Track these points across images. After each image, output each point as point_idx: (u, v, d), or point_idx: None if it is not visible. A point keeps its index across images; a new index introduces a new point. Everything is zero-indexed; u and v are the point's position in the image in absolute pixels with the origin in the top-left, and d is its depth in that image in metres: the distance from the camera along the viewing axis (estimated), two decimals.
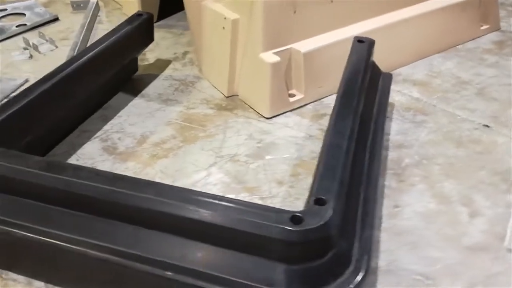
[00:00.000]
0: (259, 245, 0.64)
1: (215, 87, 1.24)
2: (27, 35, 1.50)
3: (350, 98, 0.87)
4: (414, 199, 0.91)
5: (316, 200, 0.66)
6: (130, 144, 1.07)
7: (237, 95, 1.21)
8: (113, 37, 1.09)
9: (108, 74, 1.11)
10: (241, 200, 0.69)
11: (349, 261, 0.67)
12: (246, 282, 0.63)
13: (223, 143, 1.07)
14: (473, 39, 1.42)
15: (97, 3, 1.63)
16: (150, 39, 1.26)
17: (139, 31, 1.18)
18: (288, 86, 1.15)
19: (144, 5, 1.49)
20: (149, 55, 1.38)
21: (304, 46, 1.13)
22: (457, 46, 1.39)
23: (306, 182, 0.96)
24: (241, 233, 0.63)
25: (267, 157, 1.02)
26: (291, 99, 1.15)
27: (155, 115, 1.16)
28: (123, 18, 1.55)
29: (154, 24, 1.52)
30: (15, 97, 0.91)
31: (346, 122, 0.81)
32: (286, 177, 0.97)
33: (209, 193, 0.69)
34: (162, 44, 1.45)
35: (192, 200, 0.66)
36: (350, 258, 0.67)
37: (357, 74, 0.93)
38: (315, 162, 0.97)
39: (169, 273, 0.64)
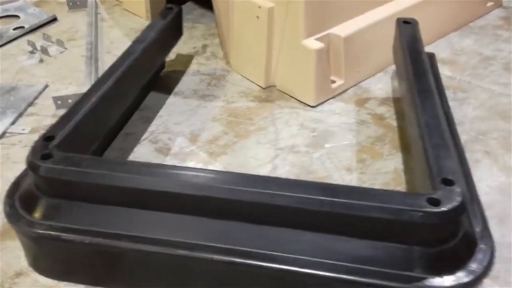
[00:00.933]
0: (397, 231, 0.63)
1: (248, 79, 1.22)
2: (29, 37, 1.41)
3: (425, 78, 0.88)
4: (484, 174, 0.93)
5: (444, 181, 0.66)
6: (182, 144, 1.03)
7: (274, 86, 1.19)
8: (153, 35, 1.05)
9: (150, 74, 1.06)
10: (365, 187, 0.69)
11: (475, 239, 0.68)
12: (386, 270, 0.63)
13: (277, 135, 1.05)
14: (481, 16, 1.46)
15: (95, 0, 1.56)
16: (181, 33, 1.22)
17: (172, 26, 1.14)
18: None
19: (153, 1, 1.44)
20: None
21: (342, 30, 1.13)
22: (469, 24, 1.42)
23: (375, 167, 0.96)
24: (380, 220, 0.63)
25: (327, 145, 1.02)
26: (333, 86, 1.15)
27: (197, 112, 1.12)
28: (125, 15, 1.51)
29: None
30: (76, 103, 0.85)
31: (432, 101, 0.81)
32: (353, 163, 0.97)
33: (336, 184, 0.68)
34: None
35: (328, 192, 0.65)
36: (475, 235, 0.68)
37: (420, 55, 0.94)
38: (376, 147, 0.99)
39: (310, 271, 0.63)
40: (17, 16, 1.52)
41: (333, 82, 1.16)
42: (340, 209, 0.64)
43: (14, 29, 1.45)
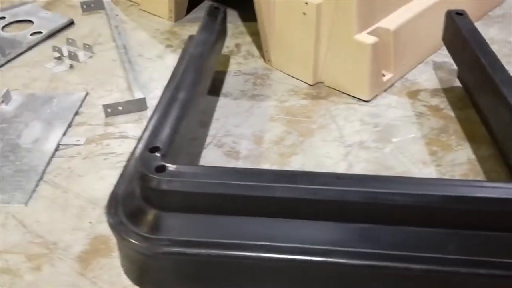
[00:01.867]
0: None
1: (293, 77, 1.21)
2: (51, 43, 1.35)
3: (502, 69, 0.90)
4: None
5: None
6: (249, 146, 1.02)
7: (322, 82, 1.19)
8: (210, 36, 1.02)
9: (212, 77, 1.04)
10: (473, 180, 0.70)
11: None
12: None
13: (341, 132, 1.05)
14: (498, 5, 1.50)
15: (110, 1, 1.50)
16: (226, 33, 1.20)
17: (222, 26, 1.11)
18: None
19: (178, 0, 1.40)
20: None
21: (389, 23, 1.14)
22: (489, 14, 1.46)
23: (448, 159, 0.97)
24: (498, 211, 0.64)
25: (394, 139, 1.03)
26: (384, 79, 1.15)
27: (252, 112, 1.11)
28: (144, 16, 1.47)
29: (185, 20, 1.45)
30: (162, 110, 0.82)
31: None
32: (426, 156, 0.98)
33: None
34: None
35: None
36: None
37: (487, 46, 0.96)
38: (443, 138, 1.01)
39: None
40: (30, 21, 1.45)
41: (383, 75, 1.16)
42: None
43: (31, 34, 1.38)
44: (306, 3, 1.12)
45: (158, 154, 0.72)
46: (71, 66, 1.26)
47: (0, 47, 1.33)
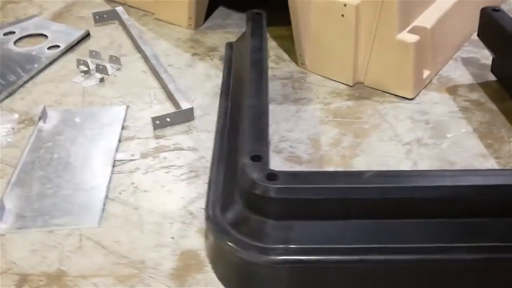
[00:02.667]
0: None
1: (330, 79, 1.21)
2: (72, 56, 1.30)
3: None
4: None
5: None
6: (308, 150, 1.01)
7: (361, 83, 1.20)
8: (263, 42, 1.01)
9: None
10: None
11: None
12: None
13: (395, 130, 1.06)
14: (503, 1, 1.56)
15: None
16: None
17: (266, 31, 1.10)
18: None
19: (198, 6, 1.38)
20: None
21: (424, 21, 1.16)
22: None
23: (505, 151, 1.00)
24: None
25: (448, 135, 1.04)
26: (424, 77, 1.17)
27: (301, 116, 1.10)
28: (161, 25, 1.44)
29: (204, 27, 1.43)
30: (251, 120, 0.80)
31: None
32: (483, 150, 1.01)
33: None
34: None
35: None
36: None
37: None
38: (493, 131, 1.05)
39: None
40: (42, 35, 1.39)
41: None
42: None
43: (48, 48, 1.33)
44: (345, 5, 1.12)
45: (263, 163, 0.70)
46: (102, 80, 1.21)
47: (19, 63, 1.27)
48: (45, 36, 1.39)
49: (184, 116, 1.08)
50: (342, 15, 1.14)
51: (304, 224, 0.68)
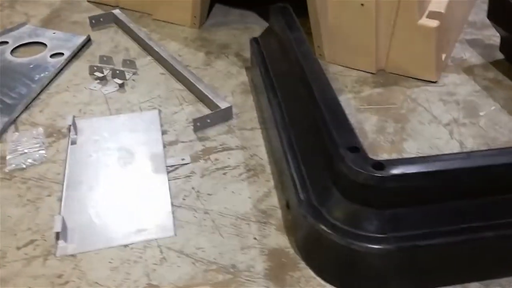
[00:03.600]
0: None
1: (351, 68, 1.23)
2: (77, 63, 1.24)
3: None
4: None
5: None
6: None
7: (383, 70, 1.22)
8: (299, 33, 1.01)
9: None
10: None
11: None
12: None
13: (431, 113, 1.09)
14: None
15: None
16: None
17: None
18: None
19: (202, 4, 1.35)
20: (247, 54, 1.27)
21: (437, 6, 1.19)
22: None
23: None
24: None
25: (481, 113, 1.09)
26: (442, 59, 1.21)
27: None
28: (162, 25, 1.41)
29: (208, 25, 1.41)
30: (330, 111, 0.80)
31: None
32: None
33: None
34: (246, 42, 1.33)
35: None
36: None
37: None
38: None
39: None
40: (39, 43, 1.31)
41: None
42: None
43: (51, 56, 1.26)
44: None
45: (363, 153, 0.70)
46: (122, 85, 1.16)
47: (24, 74, 1.19)
48: (43, 44, 1.31)
49: (223, 116, 1.05)
50: (362, 4, 1.15)
51: (412, 211, 0.69)
